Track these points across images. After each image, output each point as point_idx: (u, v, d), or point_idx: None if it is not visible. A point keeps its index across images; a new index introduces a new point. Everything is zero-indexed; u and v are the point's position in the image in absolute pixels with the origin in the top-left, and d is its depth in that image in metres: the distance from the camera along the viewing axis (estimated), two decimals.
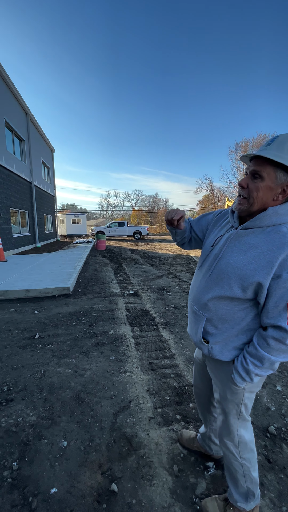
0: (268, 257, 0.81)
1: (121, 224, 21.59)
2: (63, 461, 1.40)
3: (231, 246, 0.93)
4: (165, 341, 2.83)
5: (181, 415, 1.74)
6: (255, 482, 1.08)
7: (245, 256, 0.87)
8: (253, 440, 1.09)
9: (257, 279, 0.83)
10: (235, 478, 1.08)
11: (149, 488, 1.27)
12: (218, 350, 0.97)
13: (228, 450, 1.07)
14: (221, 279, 0.92)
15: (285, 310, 0.80)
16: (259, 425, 1.67)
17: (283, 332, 0.82)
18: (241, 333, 0.94)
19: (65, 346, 2.66)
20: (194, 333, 1.04)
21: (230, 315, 0.93)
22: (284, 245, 0.79)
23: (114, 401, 1.86)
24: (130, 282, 5.68)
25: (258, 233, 0.87)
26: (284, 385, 2.10)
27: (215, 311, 0.95)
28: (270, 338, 0.84)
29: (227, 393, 1.01)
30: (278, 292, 0.81)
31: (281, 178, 0.82)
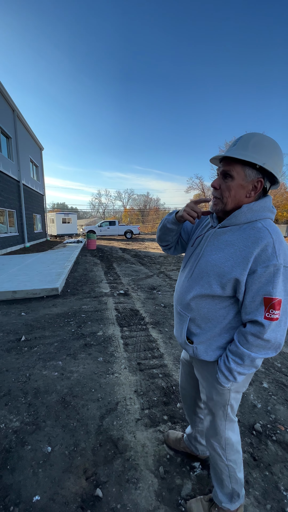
0: (244, 253, 0.83)
1: (112, 223, 21.46)
2: (46, 467, 1.36)
3: (210, 245, 0.94)
4: (154, 341, 2.81)
5: (168, 416, 1.73)
6: (240, 482, 1.08)
7: (223, 254, 0.88)
8: (240, 441, 1.09)
9: (234, 275, 0.84)
10: (221, 478, 1.08)
11: (134, 491, 1.25)
12: (203, 350, 0.97)
13: (215, 451, 1.07)
14: (201, 278, 0.93)
15: (261, 305, 0.81)
16: (245, 422, 1.68)
17: (260, 326, 0.82)
18: (224, 332, 0.94)
19: (52, 349, 2.60)
20: (179, 334, 1.05)
21: (212, 314, 0.94)
22: (258, 240, 0.81)
23: (101, 403, 1.83)
24: (120, 281, 5.64)
25: (235, 231, 0.89)
26: (270, 382, 2.13)
27: (198, 310, 0.96)
28: (249, 334, 0.84)
29: (213, 393, 1.00)
30: (254, 287, 0.82)
31: (250, 175, 0.85)
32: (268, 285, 0.79)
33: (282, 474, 1.35)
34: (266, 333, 0.81)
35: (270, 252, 0.79)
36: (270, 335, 0.81)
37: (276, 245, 0.80)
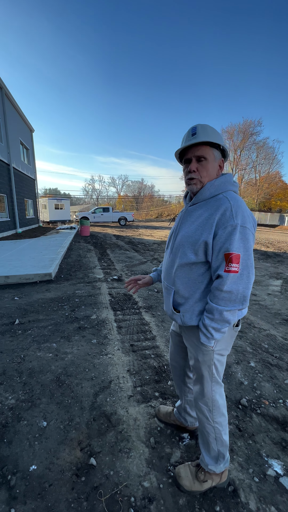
0: (210, 220, 0.96)
1: (106, 210, 21.16)
2: (42, 440, 1.42)
3: (184, 222, 1.08)
4: (146, 324, 2.88)
5: (160, 392, 1.81)
6: (225, 445, 1.16)
7: (194, 226, 1.01)
8: (225, 405, 1.17)
9: (203, 239, 0.96)
10: (208, 441, 1.15)
11: (126, 460, 1.32)
12: (188, 317, 1.06)
13: (203, 414, 1.14)
14: (178, 250, 1.06)
15: (223, 261, 0.92)
16: (232, 398, 1.77)
17: (221, 279, 0.93)
18: (203, 297, 1.04)
19: (46, 331, 2.64)
20: (167, 307, 1.15)
21: (192, 282, 1.04)
22: (219, 207, 0.94)
23: (94, 382, 1.89)
24: (114, 267, 5.66)
25: (203, 205, 1.02)
26: (257, 361, 2.23)
27: (180, 281, 1.07)
28: (214, 288, 0.95)
29: (199, 355, 1.09)
30: (217, 247, 0.94)
31: (216, 156, 1.03)
32: (227, 242, 0.91)
33: (265, 443, 1.44)
34: (226, 285, 0.91)
35: (228, 215, 0.92)
36: (230, 286, 0.91)
37: (234, 209, 0.92)
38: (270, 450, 1.40)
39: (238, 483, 1.23)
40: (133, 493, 1.17)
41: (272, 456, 1.36)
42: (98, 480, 1.23)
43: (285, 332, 2.83)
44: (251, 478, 1.25)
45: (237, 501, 1.15)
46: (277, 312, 3.41)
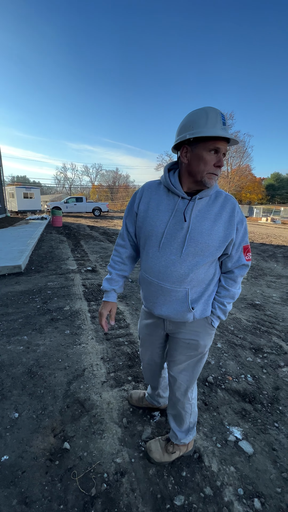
0: (227, 217, 0.99)
1: (79, 199, 20.45)
2: (14, 431, 1.41)
3: (194, 216, 0.95)
4: (120, 313, 2.92)
5: (133, 376, 1.88)
6: (196, 413, 1.28)
7: (211, 222, 0.96)
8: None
9: (230, 236, 0.99)
10: (183, 419, 1.23)
11: (99, 440, 1.38)
12: (202, 310, 1.05)
13: (185, 397, 1.20)
14: (201, 249, 0.96)
15: (242, 252, 1.06)
16: (200, 377, 1.91)
17: (245, 267, 1.08)
18: (214, 286, 1.09)
19: (16, 324, 2.56)
20: (175, 310, 1.03)
21: (206, 276, 1.05)
22: (233, 206, 0.99)
23: (68, 371, 1.90)
24: (88, 259, 5.58)
25: (208, 201, 0.99)
26: (223, 343, 2.40)
27: (196, 279, 1.00)
28: (239, 276, 1.07)
29: (206, 341, 1.11)
30: (237, 241, 1.03)
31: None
32: (245, 236, 1.04)
33: (227, 413, 1.59)
34: (246, 271, 1.09)
35: (240, 212, 1.01)
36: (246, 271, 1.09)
37: (238, 205, 1.01)
38: (231, 419, 1.55)
39: (203, 450, 1.35)
40: (106, 470, 1.23)
41: (233, 424, 1.51)
42: (72, 462, 1.27)
43: (249, 315, 3.07)
44: (214, 445, 1.38)
45: (201, 465, 1.27)
46: (243, 297, 3.67)
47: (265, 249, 7.91)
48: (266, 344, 2.41)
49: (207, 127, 0.85)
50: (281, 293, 3.92)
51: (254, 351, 2.29)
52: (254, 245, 8.48)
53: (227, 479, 1.21)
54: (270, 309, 3.28)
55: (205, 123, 0.85)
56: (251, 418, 1.56)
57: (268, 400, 1.71)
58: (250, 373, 1.98)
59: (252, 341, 2.46)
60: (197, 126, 0.86)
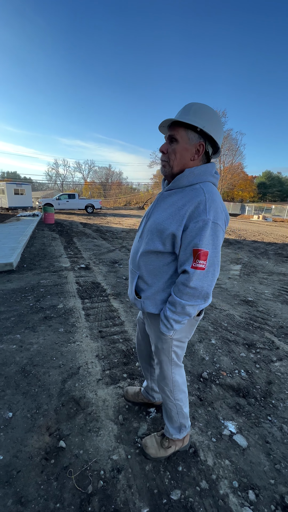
0: (182, 211, 0.91)
1: (71, 196, 20.16)
2: (8, 430, 1.39)
3: (157, 207, 1.02)
4: (115, 310, 2.91)
5: (128, 373, 1.88)
6: (186, 416, 1.27)
7: (165, 213, 0.96)
8: (185, 382, 1.26)
9: (171, 230, 0.93)
10: (171, 416, 1.25)
11: (95, 438, 1.37)
12: (149, 304, 1.07)
13: (165, 394, 1.22)
14: (147, 236, 1.02)
15: (191, 256, 0.90)
16: (195, 372, 1.93)
17: (187, 274, 0.91)
18: (167, 287, 1.04)
19: (9, 323, 2.51)
20: (130, 291, 1.13)
21: (157, 270, 1.03)
22: (193, 198, 0.90)
23: (62, 369, 1.89)
24: (81, 256, 5.52)
25: (178, 193, 0.97)
26: (217, 339, 2.43)
27: (145, 267, 1.05)
28: (179, 283, 0.94)
29: (158, 343, 1.13)
30: (186, 241, 0.91)
31: (192, 138, 0.93)
32: (196, 237, 0.88)
33: (222, 408, 1.62)
34: (192, 281, 0.89)
35: (201, 209, 0.88)
36: (196, 283, 0.90)
37: (208, 203, 0.88)
38: (226, 413, 1.57)
39: (198, 444, 1.37)
40: (103, 467, 1.23)
41: (227, 419, 1.54)
42: (68, 460, 1.26)
43: (242, 311, 3.11)
44: (209, 439, 1.40)
45: (197, 460, 1.29)
46: (236, 294, 3.72)
47: (257, 246, 8.03)
48: (259, 340, 2.45)
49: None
50: (272, 289, 3.99)
51: (247, 346, 2.33)
52: (246, 243, 8.59)
53: (222, 472, 1.23)
54: (263, 305, 3.34)
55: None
56: (245, 412, 1.59)
57: (261, 394, 1.74)
58: (244, 368, 2.01)
59: (245, 337, 2.50)
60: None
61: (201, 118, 0.90)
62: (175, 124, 0.94)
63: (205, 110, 0.92)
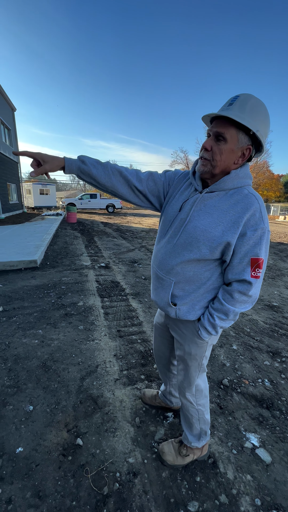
0: (234, 217, 0.86)
1: (93, 196, 20.63)
2: (29, 423, 1.43)
3: (197, 210, 0.93)
4: (133, 310, 2.91)
5: (145, 375, 1.86)
6: (207, 422, 1.22)
7: (212, 219, 0.89)
8: (208, 387, 1.21)
9: (225, 239, 0.87)
10: (191, 423, 1.21)
11: (112, 439, 1.37)
12: (185, 311, 1.01)
13: (186, 399, 1.18)
14: (190, 243, 0.93)
15: (248, 265, 0.87)
16: (215, 378, 1.86)
17: (247, 284, 0.89)
18: (206, 292, 0.99)
19: (32, 318, 2.60)
20: (161, 298, 1.06)
21: (197, 277, 0.97)
22: (248, 205, 0.85)
23: (81, 366, 1.91)
24: (101, 255, 5.61)
25: (222, 196, 0.90)
26: (239, 344, 2.33)
27: (183, 274, 0.97)
28: (236, 291, 0.90)
29: (191, 348, 1.07)
30: (243, 249, 0.87)
31: (242, 140, 0.84)
32: (256, 247, 0.86)
33: (243, 418, 1.53)
34: (251, 290, 0.89)
35: (258, 216, 0.85)
36: (254, 291, 0.90)
37: (262, 210, 0.86)
38: (248, 425, 1.49)
39: (218, 455, 1.31)
40: (119, 469, 1.22)
41: (249, 430, 1.45)
42: (85, 458, 1.26)
43: (266, 317, 2.96)
44: (229, 451, 1.33)
45: (216, 471, 1.23)
46: (260, 298, 3.54)
47: (283, 248, 7.62)
48: (284, 348, 2.31)
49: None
50: None
51: (272, 354, 2.20)
52: (271, 245, 8.19)
53: (244, 487, 1.16)
54: None
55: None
56: (269, 425, 1.50)
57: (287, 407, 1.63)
58: (268, 377, 1.90)
59: (270, 344, 2.37)
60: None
61: (256, 119, 0.81)
62: (225, 119, 0.82)
63: (261, 110, 0.82)
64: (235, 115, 0.79)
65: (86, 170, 0.95)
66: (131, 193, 1.03)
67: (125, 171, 1.01)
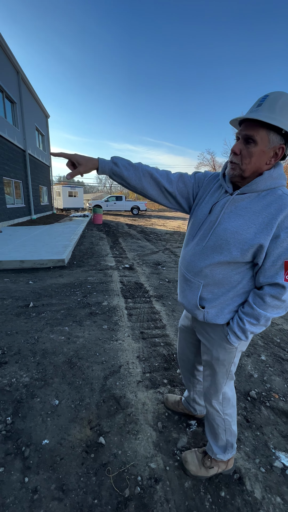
0: (267, 219, 0.83)
1: (119, 198, 21.04)
2: (54, 417, 1.48)
3: (227, 212, 0.91)
4: (157, 313, 2.89)
5: (168, 380, 1.83)
6: (234, 434, 1.16)
7: (243, 221, 0.87)
8: (235, 396, 1.16)
9: (258, 241, 0.84)
10: (216, 433, 1.16)
11: (134, 441, 1.36)
12: (214, 314, 0.98)
13: (212, 408, 1.14)
14: (220, 245, 0.91)
15: (282, 268, 0.83)
16: (241, 390, 1.77)
17: (280, 288, 0.85)
18: (236, 296, 0.95)
19: (59, 315, 2.71)
20: (188, 301, 1.04)
21: (227, 280, 0.94)
22: (282, 207, 0.82)
23: (105, 366, 1.94)
24: (125, 256, 5.68)
25: (254, 197, 0.87)
26: (268, 355, 2.20)
27: (212, 277, 0.95)
28: (267, 295, 0.87)
29: (219, 353, 1.03)
30: (276, 252, 0.83)
31: (274, 140, 0.81)
32: None
33: (272, 435, 1.44)
34: (284, 294, 0.85)
35: None
36: (287, 295, 0.85)
37: None
38: (278, 442, 1.39)
39: (244, 471, 1.24)
40: (140, 473, 1.21)
41: (279, 449, 1.36)
42: (107, 458, 1.27)
43: None
44: (257, 468, 1.25)
45: (242, 488, 1.16)
46: None
47: None
48: None
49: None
50: None
51: None
52: None
53: (273, 510, 1.09)
54: None
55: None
56: None
57: None
58: None
59: None
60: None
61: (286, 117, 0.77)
62: (254, 121, 0.79)
63: None
64: (265, 117, 0.77)
65: (118, 172, 0.97)
66: (160, 195, 1.04)
67: (155, 172, 1.01)
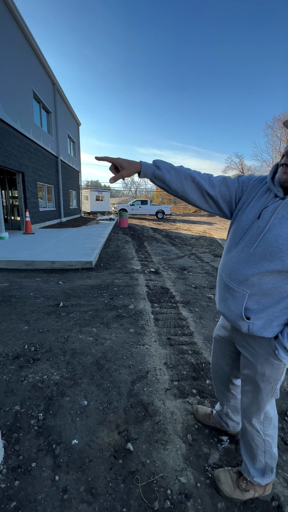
0: None
1: (144, 202, 21.25)
2: (83, 417, 1.50)
3: (279, 217, 0.85)
4: (184, 319, 2.82)
5: (198, 390, 1.76)
6: (274, 457, 1.07)
7: None
8: (277, 416, 1.07)
9: None
10: (254, 454, 1.08)
11: (163, 451, 1.32)
12: (260, 327, 0.91)
13: (252, 427, 1.06)
14: (270, 253, 0.85)
15: None
16: (278, 409, 1.64)
17: None
18: (287, 308, 0.88)
19: (87, 316, 2.77)
20: (231, 310, 0.98)
21: (277, 290, 0.87)
22: None
23: (132, 370, 1.93)
24: (151, 260, 5.67)
25: None
26: None
27: (259, 286, 0.89)
28: None
29: (265, 369, 0.96)
30: None
31: None
32: None
33: None
34: None
35: None
36: None
37: None
38: None
39: (284, 499, 1.13)
40: (170, 486, 1.16)
41: None
42: (135, 465, 1.25)
43: None
44: None
45: None
46: None
47: None
48: None
49: None
50: None
51: None
52: None
53: None
54: None
55: None
56: None
57: None
58: None
59: None
60: None
61: None
62: None
63: None
64: None
65: (160, 176, 0.96)
66: (201, 199, 1.01)
67: (197, 176, 0.98)
